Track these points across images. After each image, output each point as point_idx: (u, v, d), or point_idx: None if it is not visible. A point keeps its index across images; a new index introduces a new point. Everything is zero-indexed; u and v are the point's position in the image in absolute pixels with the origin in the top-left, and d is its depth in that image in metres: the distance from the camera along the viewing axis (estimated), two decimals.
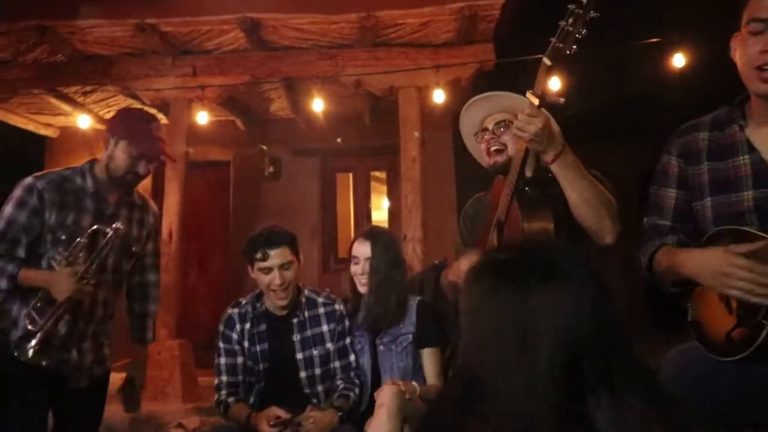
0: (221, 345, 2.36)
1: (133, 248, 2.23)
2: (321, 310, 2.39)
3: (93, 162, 2.13)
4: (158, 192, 6.55)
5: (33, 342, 1.90)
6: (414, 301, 2.42)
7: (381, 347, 2.37)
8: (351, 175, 7.12)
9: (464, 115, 2.08)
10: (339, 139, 6.51)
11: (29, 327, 1.92)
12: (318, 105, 5.33)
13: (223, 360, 2.35)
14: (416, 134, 4.75)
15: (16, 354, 1.93)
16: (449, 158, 6.59)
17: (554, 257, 0.89)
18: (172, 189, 4.87)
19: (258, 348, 2.34)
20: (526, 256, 0.90)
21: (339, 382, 2.34)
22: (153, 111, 5.95)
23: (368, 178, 7.07)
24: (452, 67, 4.76)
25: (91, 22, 4.63)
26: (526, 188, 1.85)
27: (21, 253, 1.98)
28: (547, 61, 1.57)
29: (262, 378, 2.34)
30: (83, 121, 6.01)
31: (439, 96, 4.80)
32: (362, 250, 2.38)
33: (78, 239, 1.96)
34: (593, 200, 1.70)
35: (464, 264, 1.94)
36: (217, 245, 6.78)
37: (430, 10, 4.42)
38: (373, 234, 2.42)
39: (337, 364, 2.35)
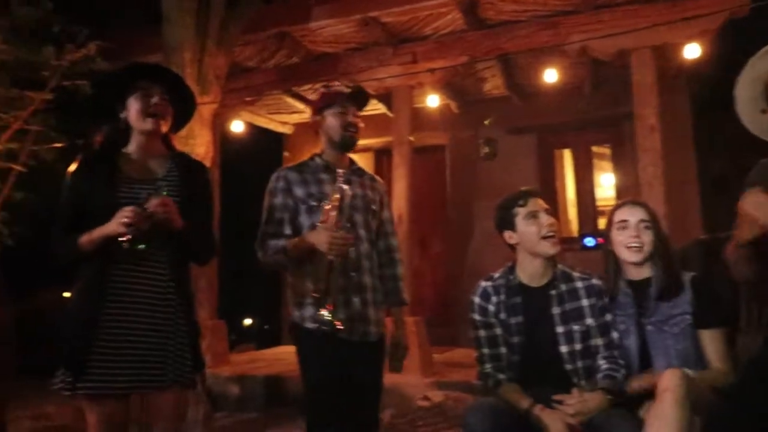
0: (477, 318, 2.31)
1: (373, 207, 2.46)
2: (579, 284, 2.26)
3: (314, 153, 2.48)
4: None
5: (326, 303, 2.12)
6: (687, 277, 2.18)
7: (650, 327, 2.16)
8: (570, 151, 6.77)
9: (747, 72, 1.78)
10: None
11: (314, 295, 2.16)
12: (537, 78, 5.13)
13: (482, 333, 2.30)
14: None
15: (316, 326, 2.19)
16: (686, 125, 5.92)
17: None
18: (400, 175, 5.06)
19: (513, 321, 2.26)
20: None
21: (602, 361, 2.18)
22: (375, 101, 6.32)
23: (589, 153, 6.65)
24: (695, 19, 4.21)
25: (320, 23, 5.02)
26: None
27: (287, 230, 2.33)
28: None
29: (517, 351, 2.26)
30: None
31: (692, 50, 4.26)
32: (633, 212, 2.23)
33: (323, 203, 2.24)
34: None
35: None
36: (437, 227, 6.95)
37: None
38: (638, 201, 2.32)
39: (599, 341, 2.19)
